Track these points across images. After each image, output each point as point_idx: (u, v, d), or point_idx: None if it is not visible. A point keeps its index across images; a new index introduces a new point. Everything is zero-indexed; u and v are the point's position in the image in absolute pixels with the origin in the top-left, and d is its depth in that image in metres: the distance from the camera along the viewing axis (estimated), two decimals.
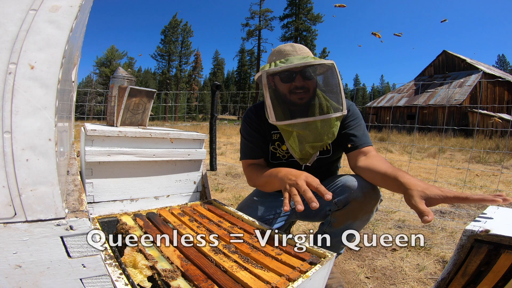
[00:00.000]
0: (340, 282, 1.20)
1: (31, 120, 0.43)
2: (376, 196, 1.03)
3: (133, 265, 0.72)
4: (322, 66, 1.09)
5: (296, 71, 1.06)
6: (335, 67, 1.06)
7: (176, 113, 14.79)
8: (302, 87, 1.08)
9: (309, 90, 1.09)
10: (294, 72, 1.06)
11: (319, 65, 1.08)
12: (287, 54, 1.11)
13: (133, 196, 1.16)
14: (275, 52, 1.16)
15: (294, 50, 1.11)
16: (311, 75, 1.08)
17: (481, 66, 18.92)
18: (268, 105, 1.06)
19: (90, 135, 1.03)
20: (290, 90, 1.09)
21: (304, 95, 1.09)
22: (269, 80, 1.10)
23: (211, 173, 3.87)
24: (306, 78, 1.07)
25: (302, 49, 1.13)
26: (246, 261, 0.74)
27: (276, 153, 1.23)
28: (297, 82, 1.07)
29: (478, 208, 2.66)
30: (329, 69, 1.10)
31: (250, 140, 1.24)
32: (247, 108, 1.34)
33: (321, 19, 34.97)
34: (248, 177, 1.22)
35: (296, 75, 1.06)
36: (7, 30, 0.42)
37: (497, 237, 0.54)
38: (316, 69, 1.11)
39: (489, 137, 10.92)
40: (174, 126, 7.84)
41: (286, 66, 1.01)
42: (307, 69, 1.06)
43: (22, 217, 0.44)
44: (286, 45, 1.16)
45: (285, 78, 1.08)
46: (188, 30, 38.83)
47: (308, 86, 1.09)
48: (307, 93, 1.09)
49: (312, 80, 1.09)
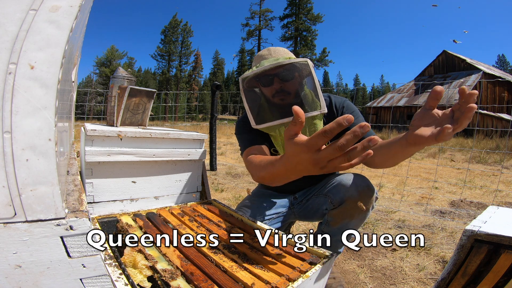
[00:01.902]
0: (340, 282, 1.20)
1: (31, 120, 0.43)
2: (370, 194, 1.03)
3: (133, 265, 0.72)
4: (294, 65, 1.02)
5: (271, 74, 1.03)
6: (309, 65, 1.01)
7: (176, 113, 14.79)
8: (282, 89, 1.05)
9: (289, 91, 1.06)
10: (270, 75, 1.04)
11: (291, 65, 1.01)
12: (263, 58, 1.11)
13: (133, 196, 1.16)
14: (255, 57, 1.17)
15: (269, 54, 1.11)
16: (288, 76, 1.04)
17: (481, 66, 18.92)
18: (247, 110, 1.05)
19: (90, 135, 1.03)
20: (272, 93, 1.07)
21: (285, 96, 1.06)
22: (250, 85, 1.10)
23: (211, 173, 3.87)
24: (283, 79, 1.04)
25: (278, 51, 1.12)
26: (246, 261, 0.74)
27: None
28: (275, 84, 1.05)
29: (478, 208, 2.66)
30: (304, 67, 1.04)
31: (248, 132, 1.18)
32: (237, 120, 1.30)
33: (321, 19, 34.97)
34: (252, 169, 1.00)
35: (273, 78, 1.04)
36: (7, 30, 0.42)
37: (497, 237, 0.54)
38: (291, 70, 1.04)
39: (489, 137, 10.91)
40: (174, 126, 7.83)
41: (256, 70, 1.00)
42: (282, 71, 1.02)
43: (22, 217, 0.44)
44: (264, 50, 1.16)
45: (264, 82, 1.07)
46: (188, 30, 38.85)
47: (287, 88, 1.06)
48: (289, 95, 1.07)
49: (290, 81, 1.05)
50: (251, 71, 1.02)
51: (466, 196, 3.10)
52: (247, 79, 1.05)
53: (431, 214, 2.44)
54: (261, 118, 1.05)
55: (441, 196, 3.07)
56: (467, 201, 2.85)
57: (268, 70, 1.00)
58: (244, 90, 1.05)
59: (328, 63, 35.00)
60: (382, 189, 3.25)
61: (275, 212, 1.23)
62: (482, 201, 2.88)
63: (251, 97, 1.08)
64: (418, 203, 2.77)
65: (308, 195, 1.24)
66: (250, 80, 1.08)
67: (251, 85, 1.11)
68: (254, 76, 1.03)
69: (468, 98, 0.63)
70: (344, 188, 1.05)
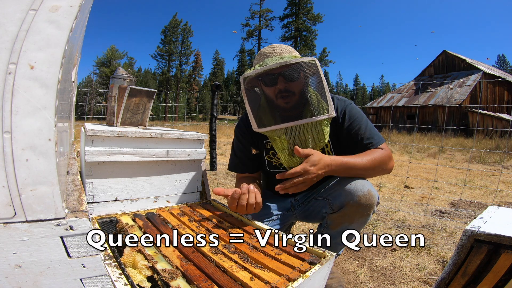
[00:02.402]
0: (340, 282, 1.20)
1: (31, 120, 0.43)
2: (372, 199, 1.00)
3: (133, 265, 0.72)
4: (301, 65, 0.96)
5: (275, 73, 0.97)
6: (317, 64, 0.95)
7: (176, 113, 14.79)
8: (286, 90, 0.99)
9: (295, 92, 1.00)
10: (274, 75, 0.97)
11: (298, 64, 0.95)
12: (266, 56, 1.04)
13: (133, 196, 1.16)
14: (257, 55, 1.10)
15: (273, 51, 1.04)
16: (294, 76, 0.98)
17: (481, 66, 18.92)
18: (248, 112, 1.00)
19: (90, 135, 1.03)
20: (275, 94, 1.01)
21: (289, 98, 1.00)
22: (251, 85, 1.04)
23: (211, 173, 3.86)
24: (288, 79, 0.98)
25: (282, 49, 1.04)
26: (246, 261, 0.74)
27: (272, 162, 1.22)
28: (280, 84, 0.99)
29: (478, 208, 2.66)
30: (311, 67, 0.98)
31: (237, 154, 1.25)
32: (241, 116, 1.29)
33: (321, 19, 34.99)
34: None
35: (277, 77, 0.98)
36: (7, 30, 0.42)
37: (497, 237, 0.54)
38: (297, 69, 0.98)
39: (489, 137, 10.91)
40: (174, 126, 7.83)
41: (260, 69, 0.93)
42: (287, 70, 0.96)
43: (22, 217, 0.44)
44: (267, 47, 1.08)
45: (267, 81, 1.00)
46: (188, 30, 38.87)
47: (292, 89, 1.00)
48: (293, 96, 1.01)
49: (296, 81, 0.99)
50: (253, 69, 0.97)
51: (466, 196, 3.10)
52: (249, 78, 0.99)
53: (431, 214, 2.44)
54: (263, 122, 1.00)
55: (441, 196, 3.07)
56: (467, 201, 2.85)
57: (272, 69, 0.94)
58: (246, 90, 1.00)
59: (328, 63, 35.04)
60: (382, 189, 3.25)
61: (276, 213, 1.23)
62: (482, 201, 2.88)
63: (253, 98, 1.02)
64: (418, 203, 2.77)
65: (309, 197, 1.23)
66: (253, 80, 1.02)
67: (253, 84, 1.06)
68: (257, 75, 0.97)
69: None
70: (344, 193, 1.02)
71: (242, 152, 1.24)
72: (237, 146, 1.26)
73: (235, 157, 1.26)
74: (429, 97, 18.02)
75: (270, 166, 1.23)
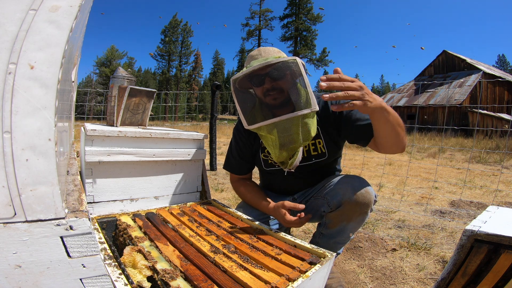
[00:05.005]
0: (340, 282, 1.20)
1: (31, 120, 0.43)
2: (369, 197, 1.02)
3: (133, 265, 0.72)
4: (283, 64, 1.00)
5: (261, 73, 1.03)
6: (297, 63, 1.00)
7: (176, 113, 14.78)
8: (273, 88, 1.06)
9: (281, 90, 1.06)
10: (260, 75, 1.04)
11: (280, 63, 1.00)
12: (253, 58, 1.11)
13: (133, 196, 1.16)
14: (247, 58, 1.18)
15: (259, 54, 1.12)
16: (278, 75, 1.04)
17: (481, 66, 18.92)
18: (238, 111, 1.06)
19: (90, 135, 1.03)
20: (264, 93, 1.08)
21: (276, 95, 1.06)
22: (241, 86, 1.10)
23: (211, 173, 3.86)
24: (274, 78, 1.04)
25: (268, 51, 1.12)
26: (245, 261, 0.74)
27: (268, 160, 1.24)
28: (266, 84, 1.05)
29: (478, 208, 2.66)
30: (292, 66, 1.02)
31: (234, 155, 1.29)
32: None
33: (321, 19, 34.94)
34: (235, 189, 1.33)
35: (263, 76, 1.05)
36: (7, 30, 0.42)
37: (497, 237, 0.54)
38: (280, 68, 1.02)
39: (489, 137, 10.92)
40: (174, 126, 7.83)
41: (246, 71, 1.01)
42: (272, 70, 1.02)
43: (22, 217, 0.44)
44: (254, 50, 1.16)
45: (255, 82, 1.08)
46: (188, 30, 38.89)
47: (278, 87, 1.06)
48: (280, 94, 1.07)
49: (281, 80, 1.05)
50: (241, 72, 1.03)
51: (466, 196, 3.10)
52: (237, 80, 1.06)
53: (431, 214, 2.44)
54: (252, 119, 1.06)
55: (441, 196, 3.07)
56: (467, 201, 2.85)
57: (257, 70, 1.01)
58: (235, 91, 1.06)
59: (328, 63, 34.99)
60: (382, 189, 3.25)
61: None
62: (482, 201, 2.88)
63: (242, 98, 1.08)
64: (418, 203, 2.77)
65: (307, 196, 1.23)
66: (241, 81, 1.09)
67: (242, 86, 1.12)
68: (244, 76, 1.04)
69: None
70: (341, 191, 1.05)
71: (239, 155, 1.28)
72: (235, 147, 1.29)
73: (232, 158, 1.31)
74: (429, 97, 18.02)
75: (266, 164, 1.25)
